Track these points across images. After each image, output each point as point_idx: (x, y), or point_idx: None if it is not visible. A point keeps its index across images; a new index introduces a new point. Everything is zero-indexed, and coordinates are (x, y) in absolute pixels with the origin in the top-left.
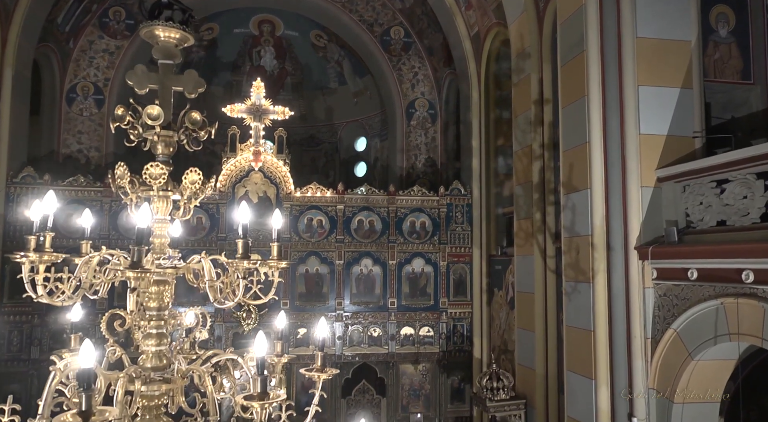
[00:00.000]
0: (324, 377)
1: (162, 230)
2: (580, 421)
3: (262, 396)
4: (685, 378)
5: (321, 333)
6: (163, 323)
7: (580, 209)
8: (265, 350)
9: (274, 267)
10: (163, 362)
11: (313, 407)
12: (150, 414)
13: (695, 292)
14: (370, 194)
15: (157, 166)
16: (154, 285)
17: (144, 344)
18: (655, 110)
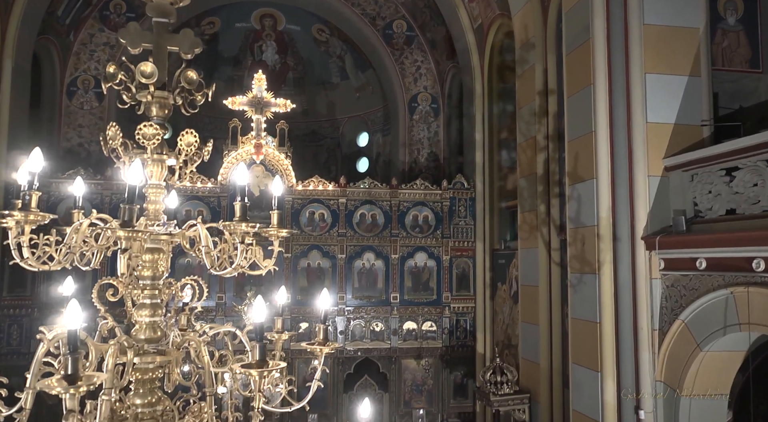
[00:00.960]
0: (326, 350)
1: (156, 196)
2: (586, 415)
3: (261, 364)
4: (694, 370)
5: (324, 305)
6: (157, 292)
7: (585, 199)
8: (264, 315)
9: (273, 235)
10: (157, 334)
11: (315, 382)
12: (144, 387)
13: (704, 282)
14: (373, 188)
15: (150, 125)
16: (148, 253)
17: (137, 315)
18: (663, 98)
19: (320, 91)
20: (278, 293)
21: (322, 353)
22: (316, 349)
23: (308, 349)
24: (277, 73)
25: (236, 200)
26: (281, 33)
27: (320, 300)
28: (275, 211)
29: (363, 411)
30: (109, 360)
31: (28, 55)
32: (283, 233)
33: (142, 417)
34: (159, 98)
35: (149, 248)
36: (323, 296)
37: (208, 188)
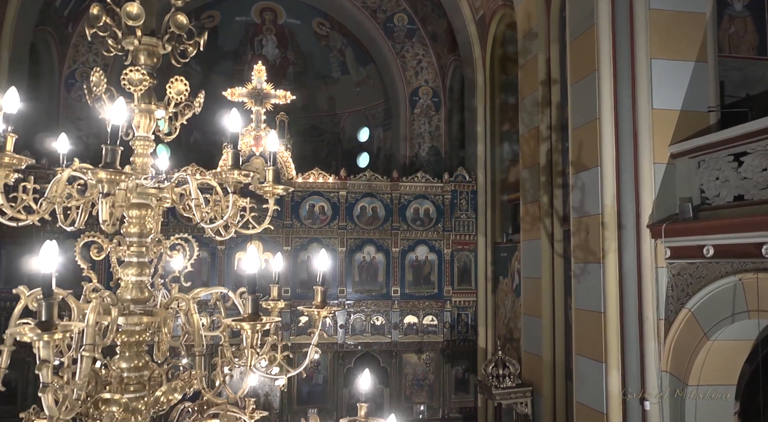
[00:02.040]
0: (324, 314)
1: (144, 149)
2: (590, 407)
3: (254, 317)
4: (700, 360)
5: (321, 266)
6: (144, 250)
7: (589, 188)
8: (257, 267)
9: (269, 192)
10: (144, 294)
11: (312, 348)
12: (130, 351)
13: (711, 270)
14: (373, 180)
15: (137, 70)
16: (135, 208)
17: (123, 273)
18: (669, 84)
19: (320, 85)
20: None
21: (320, 316)
22: (313, 312)
23: (305, 313)
24: (278, 67)
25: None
26: (281, 27)
27: (318, 260)
28: (271, 167)
29: (363, 383)
30: (90, 316)
31: (25, 46)
32: (279, 190)
33: (128, 381)
34: (147, 45)
35: (136, 203)
36: (321, 256)
37: None
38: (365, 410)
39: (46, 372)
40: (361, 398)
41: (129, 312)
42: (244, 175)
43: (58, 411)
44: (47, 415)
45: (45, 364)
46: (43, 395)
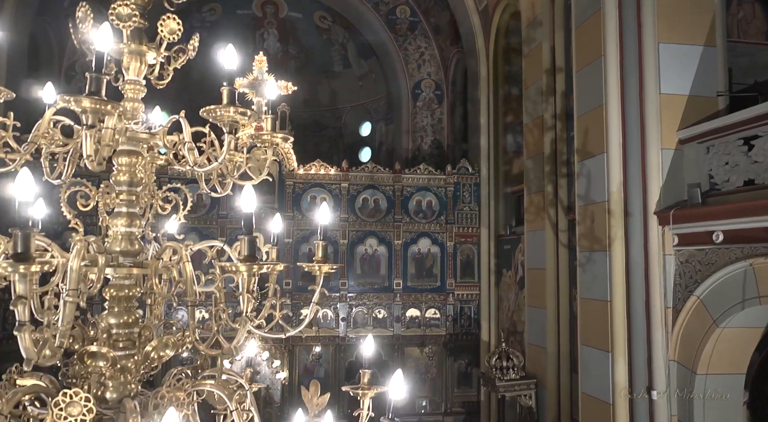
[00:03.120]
0: (326, 269)
1: (135, 93)
2: (596, 397)
3: (249, 259)
4: (709, 348)
5: (322, 220)
6: (134, 199)
7: (595, 175)
8: (254, 206)
9: (267, 141)
10: (134, 246)
11: (313, 305)
12: (119, 306)
13: (721, 256)
14: (375, 172)
15: (125, 4)
16: (125, 155)
17: (112, 224)
18: (677, 69)
19: (322, 79)
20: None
21: (321, 272)
22: (314, 268)
23: (305, 269)
24: (279, 62)
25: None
26: (283, 20)
27: (318, 214)
28: (268, 117)
29: (366, 348)
30: (74, 261)
31: (24, 35)
32: (278, 138)
33: (116, 338)
34: None
35: (126, 150)
36: (322, 210)
37: None
38: (368, 377)
39: (22, 309)
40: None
41: (118, 264)
42: (240, 112)
43: (36, 354)
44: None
45: (21, 300)
46: (20, 334)
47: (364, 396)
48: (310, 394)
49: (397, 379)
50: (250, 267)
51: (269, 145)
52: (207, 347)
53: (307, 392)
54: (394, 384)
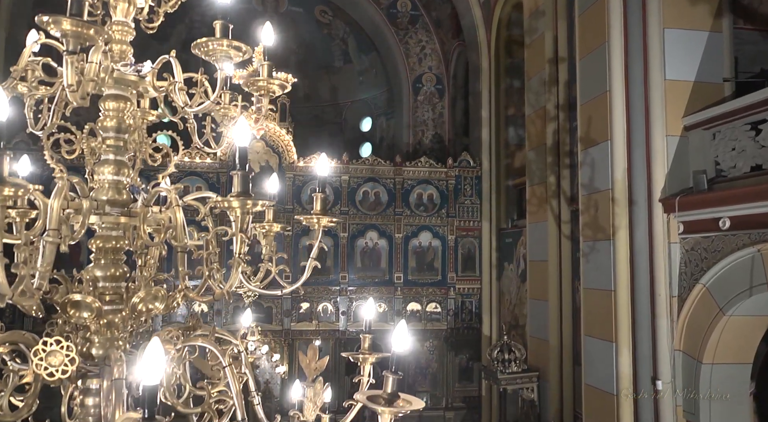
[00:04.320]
0: (324, 222)
1: (123, 35)
2: (599, 388)
3: (243, 194)
4: (715, 337)
5: (321, 172)
6: (122, 145)
7: (599, 163)
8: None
9: (263, 88)
10: (122, 196)
11: (311, 261)
12: (106, 258)
13: (727, 243)
14: (376, 165)
15: None
16: (112, 100)
17: (98, 172)
18: (682, 55)
19: (323, 75)
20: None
21: (320, 224)
22: (312, 220)
23: (304, 222)
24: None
25: None
26: (283, 15)
27: (317, 165)
28: (264, 64)
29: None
30: (55, 201)
31: (22, 26)
32: (274, 85)
33: (103, 291)
34: None
35: (113, 94)
36: (321, 159)
37: (207, 164)
38: (368, 342)
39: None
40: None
41: (104, 212)
42: (234, 46)
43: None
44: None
45: None
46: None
47: (364, 361)
48: (308, 358)
49: (401, 330)
50: (243, 203)
51: (265, 92)
52: (198, 294)
53: (305, 356)
54: (397, 335)
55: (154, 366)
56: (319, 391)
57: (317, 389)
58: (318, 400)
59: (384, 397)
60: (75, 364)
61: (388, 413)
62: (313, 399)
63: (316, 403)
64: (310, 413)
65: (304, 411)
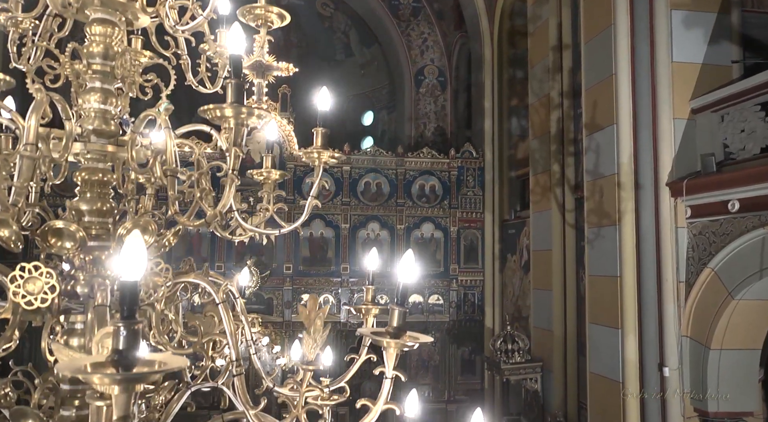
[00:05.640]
0: (325, 157)
1: None
2: (605, 376)
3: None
4: (724, 322)
5: (322, 106)
6: (109, 71)
7: (604, 148)
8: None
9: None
10: (110, 127)
11: (311, 199)
12: (92, 191)
13: (737, 225)
14: (378, 155)
15: None
16: (98, 24)
17: (84, 100)
18: (690, 36)
19: (324, 68)
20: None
21: (321, 160)
22: (312, 155)
23: (304, 158)
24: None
25: None
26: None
27: (318, 98)
28: None
29: (369, 262)
30: (32, 116)
31: None
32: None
33: (88, 225)
34: None
35: (99, 19)
36: (321, 93)
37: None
38: (371, 294)
39: None
40: (369, 281)
41: (90, 140)
42: None
43: None
44: None
45: None
46: None
47: (367, 313)
48: (308, 309)
49: (408, 259)
50: (237, 112)
51: (263, 22)
52: (189, 218)
53: (305, 308)
54: (403, 265)
55: (133, 261)
56: (320, 328)
57: (317, 326)
58: (318, 337)
59: (389, 331)
60: (56, 292)
61: (394, 346)
62: (313, 336)
63: (317, 340)
64: (310, 350)
65: (303, 348)
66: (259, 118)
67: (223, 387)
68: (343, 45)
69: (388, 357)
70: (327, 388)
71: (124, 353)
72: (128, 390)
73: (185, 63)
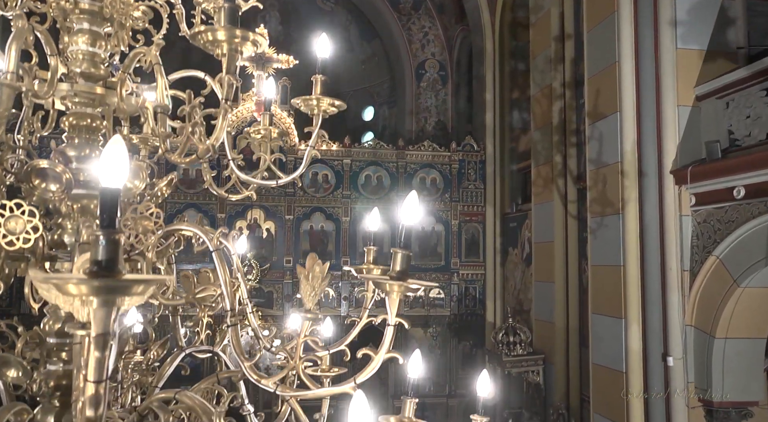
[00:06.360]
0: (325, 104)
1: None
2: (608, 366)
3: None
4: (729, 310)
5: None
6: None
7: (607, 136)
8: None
9: None
10: (99, 70)
11: (309, 148)
12: (80, 137)
13: (742, 212)
14: (379, 148)
15: None
16: None
17: (72, 42)
18: (694, 23)
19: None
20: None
21: (320, 108)
22: (312, 102)
23: (303, 107)
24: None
25: None
26: (285, 2)
27: (317, 44)
28: None
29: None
30: (13, 44)
31: None
32: None
33: (76, 172)
34: None
35: None
36: (321, 39)
37: None
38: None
39: None
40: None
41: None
42: None
43: None
44: None
45: None
46: None
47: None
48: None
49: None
50: (231, 35)
51: None
52: (180, 155)
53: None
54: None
55: (115, 167)
56: (319, 275)
57: (316, 272)
58: (317, 284)
59: (392, 275)
60: (38, 232)
61: (397, 289)
62: (311, 283)
63: (315, 288)
64: (309, 298)
65: (302, 297)
66: (254, 44)
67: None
68: (344, 40)
69: (390, 303)
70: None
71: (104, 263)
72: (108, 304)
73: (179, 13)
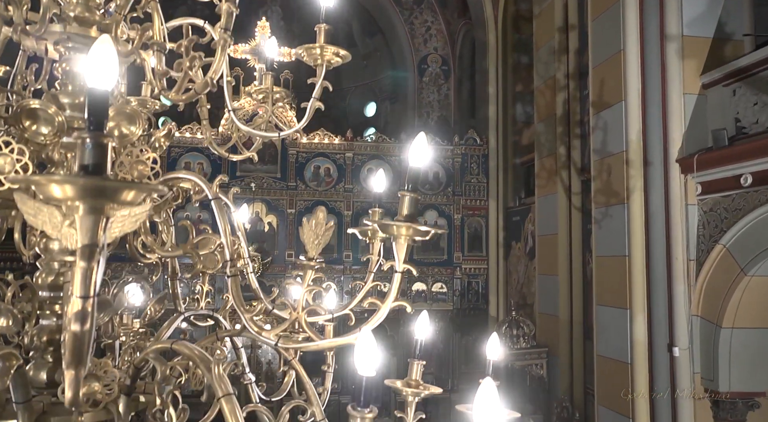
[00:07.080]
0: (329, 54)
1: None
2: (613, 358)
3: None
4: (736, 299)
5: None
6: None
7: (612, 126)
8: None
9: None
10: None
11: (313, 101)
12: (74, 84)
13: (749, 200)
14: (381, 142)
15: None
16: None
17: None
18: (700, 10)
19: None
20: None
21: (324, 58)
22: (314, 51)
23: (305, 57)
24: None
25: None
26: None
27: None
28: None
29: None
30: None
31: None
32: None
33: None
34: None
35: None
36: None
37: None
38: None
39: None
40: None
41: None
42: None
43: None
44: None
45: None
46: None
47: (373, 236)
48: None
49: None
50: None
51: None
52: (178, 92)
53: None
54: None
55: (103, 68)
56: (322, 221)
57: (320, 219)
58: (321, 233)
59: (399, 219)
60: (28, 171)
61: (405, 231)
62: (315, 230)
63: (319, 236)
64: (312, 246)
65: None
66: None
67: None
68: (346, 35)
69: (398, 248)
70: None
71: (91, 168)
72: (96, 211)
73: None
